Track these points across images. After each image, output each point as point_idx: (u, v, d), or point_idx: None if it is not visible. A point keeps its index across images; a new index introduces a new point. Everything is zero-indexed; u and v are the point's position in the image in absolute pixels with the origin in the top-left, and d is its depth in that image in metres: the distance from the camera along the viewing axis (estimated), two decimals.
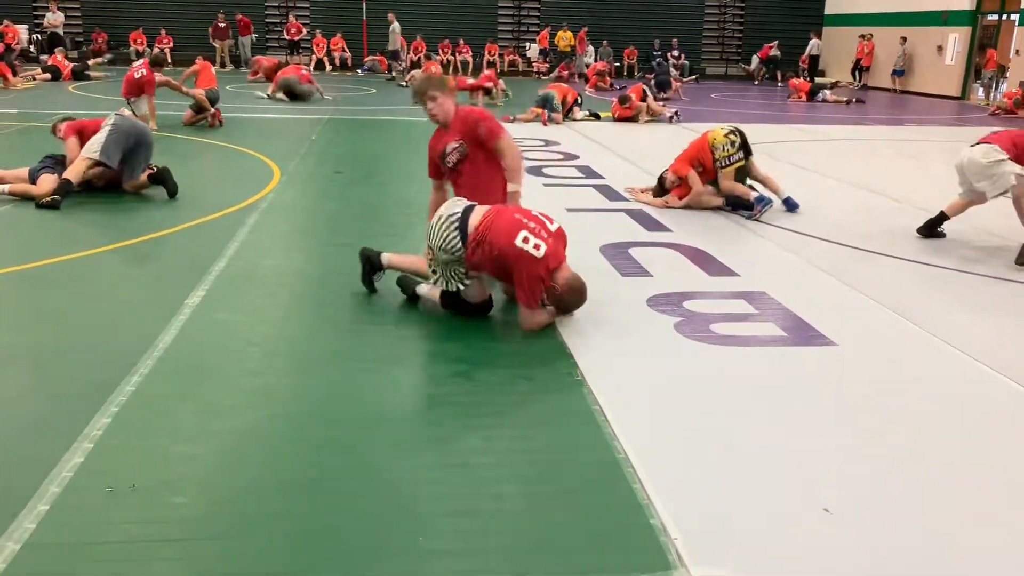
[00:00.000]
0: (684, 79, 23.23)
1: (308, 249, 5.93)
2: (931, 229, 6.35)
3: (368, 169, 8.84)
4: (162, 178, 6.99)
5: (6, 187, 6.54)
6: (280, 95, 15.70)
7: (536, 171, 8.97)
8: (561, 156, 10.23)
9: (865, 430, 3.31)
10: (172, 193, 6.98)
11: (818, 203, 7.39)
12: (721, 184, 7.12)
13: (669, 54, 25.93)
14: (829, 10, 27.54)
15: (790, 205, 7.19)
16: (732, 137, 7.12)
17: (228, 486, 2.80)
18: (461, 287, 4.25)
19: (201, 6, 24.45)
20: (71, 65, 19.25)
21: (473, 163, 4.70)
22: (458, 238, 4.15)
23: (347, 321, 4.38)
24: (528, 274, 4.05)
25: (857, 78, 24.62)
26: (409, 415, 3.36)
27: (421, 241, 5.99)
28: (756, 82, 25.79)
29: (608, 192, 8.00)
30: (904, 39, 22.92)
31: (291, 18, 25.06)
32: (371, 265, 4.67)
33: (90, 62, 20.00)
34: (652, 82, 18.63)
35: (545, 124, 13.02)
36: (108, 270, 5.24)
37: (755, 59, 26.79)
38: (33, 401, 3.39)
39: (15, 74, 17.41)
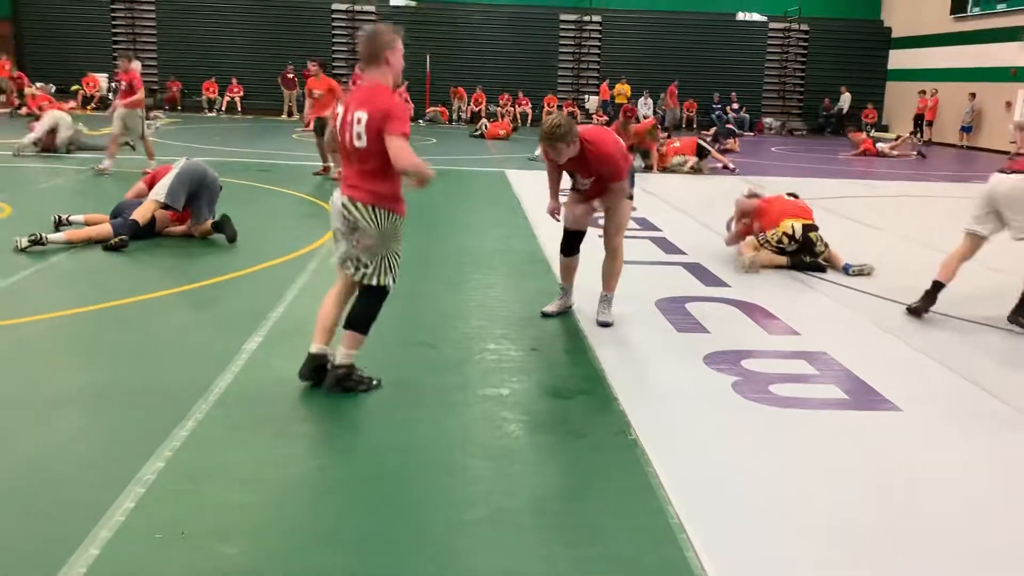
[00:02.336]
0: (741, 133, 23.13)
1: None
2: (929, 303, 5.71)
3: (427, 218, 8.92)
4: (221, 225, 7.15)
5: (62, 235, 6.74)
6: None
7: (592, 222, 8.94)
8: None
9: (932, 502, 3.17)
10: (231, 239, 7.12)
11: (881, 261, 7.21)
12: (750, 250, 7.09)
13: (729, 108, 25.92)
14: (893, 65, 27.30)
15: (846, 269, 6.97)
16: (784, 240, 6.91)
17: (277, 537, 2.78)
18: (399, 261, 3.92)
19: (270, 57, 25.25)
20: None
21: (598, 185, 5.14)
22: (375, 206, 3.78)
23: (401, 371, 4.37)
24: (384, 113, 3.66)
25: (920, 133, 24.26)
26: (459, 469, 3.32)
27: (477, 291, 6.04)
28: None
29: (665, 245, 7.94)
30: (973, 95, 22.55)
31: (357, 70, 25.70)
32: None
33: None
34: (710, 136, 18.55)
35: None
36: (170, 313, 5.35)
37: (594, 100, 26.61)
38: (90, 443, 3.45)
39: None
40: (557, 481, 3.27)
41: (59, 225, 7.19)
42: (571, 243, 5.39)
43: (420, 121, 24.69)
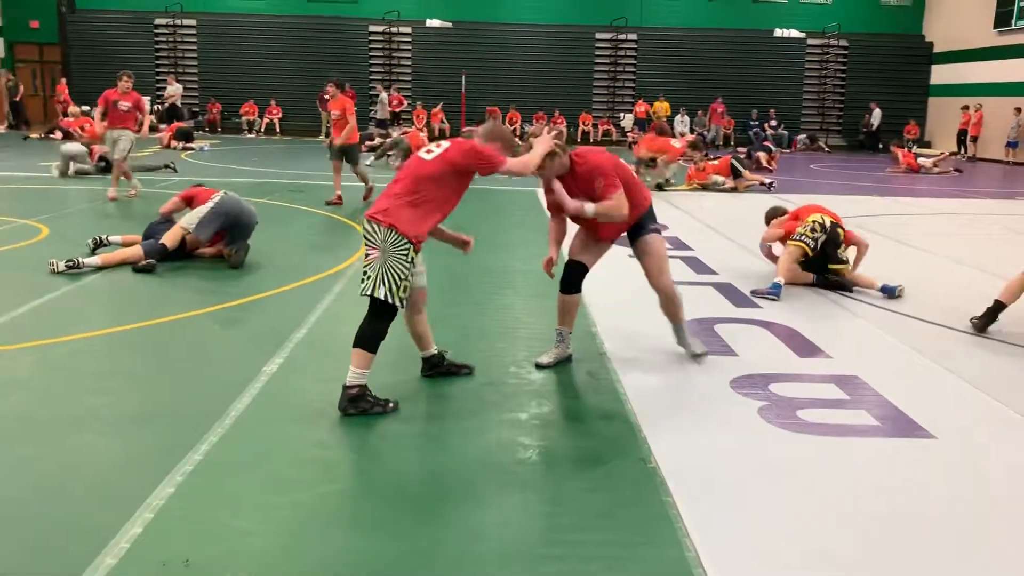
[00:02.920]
0: (779, 150, 22.84)
1: None
2: (990, 320, 5.64)
3: None
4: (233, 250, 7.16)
5: (96, 258, 6.81)
6: (396, 161, 15.66)
7: (621, 241, 8.86)
8: None
9: (965, 534, 3.02)
10: (235, 265, 7.03)
11: (920, 281, 7.01)
12: (781, 256, 7.00)
13: (767, 124, 25.67)
14: (935, 80, 26.85)
15: (887, 291, 6.70)
16: (816, 228, 6.84)
17: (283, 566, 2.73)
18: (399, 280, 3.91)
19: (308, 78, 25.56)
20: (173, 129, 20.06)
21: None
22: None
23: (419, 393, 4.33)
24: (468, 153, 4.03)
25: (963, 149, 23.81)
26: (471, 497, 3.24)
27: (501, 311, 5.99)
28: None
29: (696, 265, 7.82)
30: (1019, 110, 22.06)
31: (393, 91, 25.95)
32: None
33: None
34: (744, 154, 18.32)
35: None
36: (194, 335, 5.35)
37: (629, 117, 26.28)
38: (103, 465, 3.43)
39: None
40: (572, 510, 3.17)
41: (97, 246, 7.25)
42: (570, 278, 4.74)
43: None
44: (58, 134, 19.35)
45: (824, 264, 6.86)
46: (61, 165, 13.13)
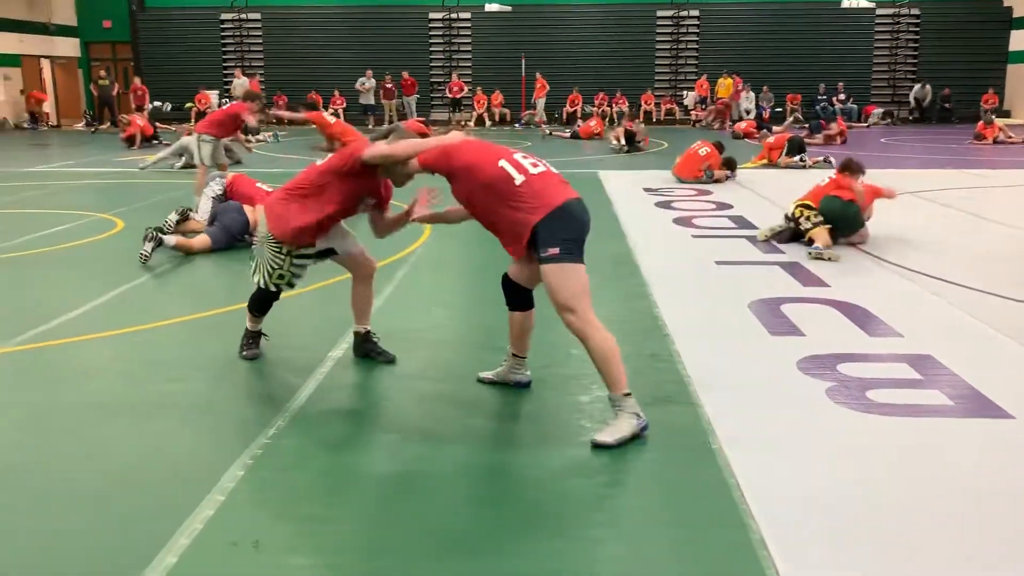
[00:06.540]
0: (852, 124, 22.15)
1: (451, 304, 6.00)
2: None
3: None
4: None
5: (173, 239, 7.00)
6: None
7: (685, 222, 8.78)
8: (713, 206, 9.93)
9: None
10: None
11: (996, 256, 6.75)
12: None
13: (835, 98, 24.97)
14: (1015, 47, 25.69)
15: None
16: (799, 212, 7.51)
17: (348, 550, 2.79)
18: (273, 270, 4.30)
19: (371, 68, 25.77)
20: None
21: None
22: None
23: (475, 377, 4.35)
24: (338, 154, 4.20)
25: None
26: (529, 481, 3.26)
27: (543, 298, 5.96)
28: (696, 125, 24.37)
29: (763, 244, 7.66)
30: None
31: (454, 77, 26.02)
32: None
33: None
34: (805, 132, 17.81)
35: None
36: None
37: (692, 95, 25.69)
38: (177, 450, 3.54)
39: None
40: (633, 492, 3.17)
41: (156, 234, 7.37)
42: (505, 292, 4.21)
43: (516, 125, 24.76)
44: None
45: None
46: (176, 157, 13.41)
